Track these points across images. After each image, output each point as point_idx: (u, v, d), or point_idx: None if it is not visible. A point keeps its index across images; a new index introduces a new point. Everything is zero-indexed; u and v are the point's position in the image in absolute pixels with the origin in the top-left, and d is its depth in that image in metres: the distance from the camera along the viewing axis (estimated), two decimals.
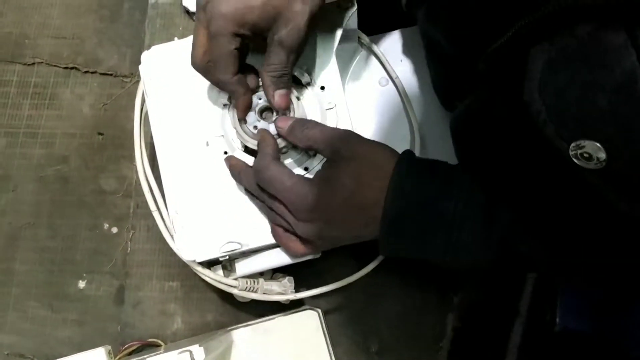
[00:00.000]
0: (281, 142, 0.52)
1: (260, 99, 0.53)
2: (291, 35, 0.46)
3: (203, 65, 0.50)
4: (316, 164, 0.54)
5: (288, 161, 0.54)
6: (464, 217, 0.46)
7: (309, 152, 0.54)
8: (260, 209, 0.55)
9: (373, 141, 0.51)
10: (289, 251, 0.55)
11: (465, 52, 0.47)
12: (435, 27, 0.53)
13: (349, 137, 0.51)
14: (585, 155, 0.33)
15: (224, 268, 0.58)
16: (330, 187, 0.48)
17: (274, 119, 0.53)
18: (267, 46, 0.48)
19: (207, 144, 0.56)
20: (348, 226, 0.50)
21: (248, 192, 0.55)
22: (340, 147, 0.49)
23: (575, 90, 0.32)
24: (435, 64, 0.58)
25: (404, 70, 0.64)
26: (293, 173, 0.50)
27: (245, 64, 0.52)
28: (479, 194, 0.47)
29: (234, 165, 0.54)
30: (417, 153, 0.61)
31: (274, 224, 0.54)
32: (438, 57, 0.57)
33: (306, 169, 0.54)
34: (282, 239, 0.54)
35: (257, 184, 0.52)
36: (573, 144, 0.33)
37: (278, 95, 0.50)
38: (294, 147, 0.53)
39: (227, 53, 0.47)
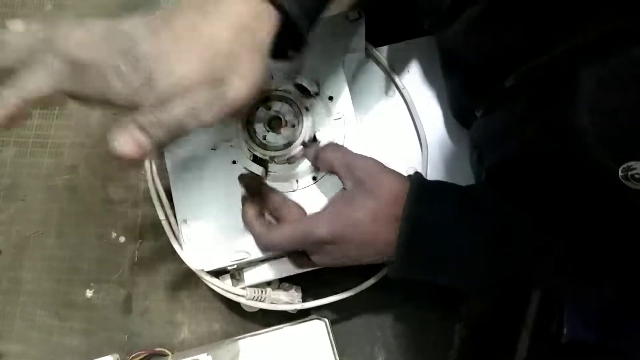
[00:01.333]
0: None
1: (268, 109, 0.54)
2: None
3: None
4: (324, 173, 0.54)
5: (297, 169, 0.54)
6: (476, 249, 0.46)
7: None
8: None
9: (390, 170, 0.50)
10: (296, 266, 0.56)
11: (496, 68, 0.47)
12: (466, 42, 0.52)
13: (373, 168, 0.50)
14: (636, 176, 0.32)
15: (232, 277, 0.58)
16: (348, 224, 0.48)
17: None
18: None
19: (215, 148, 0.56)
20: (361, 256, 0.50)
21: None
22: (361, 175, 0.49)
23: (628, 110, 0.32)
24: (453, 77, 0.59)
25: (411, 81, 0.64)
26: (295, 223, 0.51)
27: None
28: (492, 220, 0.46)
29: (246, 213, 0.54)
30: (424, 164, 0.61)
31: None
32: (459, 71, 0.56)
33: (314, 178, 0.55)
34: (291, 256, 0.55)
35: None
36: (624, 165, 0.33)
37: None
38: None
39: None
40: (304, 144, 0.53)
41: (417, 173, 0.51)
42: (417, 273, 0.50)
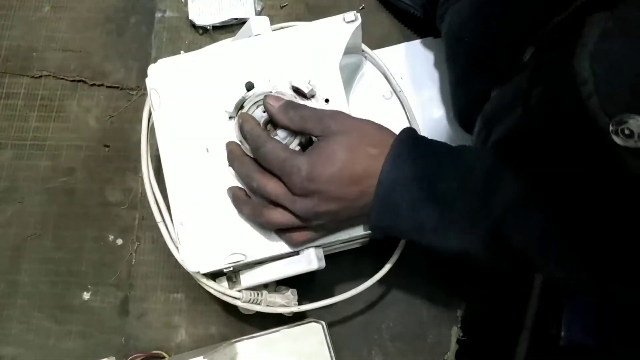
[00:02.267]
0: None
1: (264, 112, 0.54)
2: None
3: None
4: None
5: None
6: (456, 196, 0.46)
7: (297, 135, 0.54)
8: (254, 219, 0.55)
9: (361, 118, 0.52)
10: (289, 241, 0.54)
11: (514, 40, 0.48)
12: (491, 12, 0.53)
13: (338, 114, 0.52)
14: (626, 131, 0.32)
15: (229, 279, 0.58)
16: (323, 159, 0.49)
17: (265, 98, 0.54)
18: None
19: (207, 151, 0.56)
20: (343, 199, 0.50)
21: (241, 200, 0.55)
22: (330, 123, 0.50)
23: (630, 61, 0.32)
24: (460, 65, 0.59)
25: (408, 83, 0.64)
26: (287, 147, 0.51)
27: None
28: (477, 176, 0.47)
29: (232, 150, 0.55)
30: None
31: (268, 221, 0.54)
32: (470, 54, 0.57)
33: None
34: (279, 235, 0.54)
35: (249, 171, 0.52)
36: (615, 118, 0.32)
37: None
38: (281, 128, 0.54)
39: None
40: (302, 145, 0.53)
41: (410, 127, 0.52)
42: (397, 218, 0.49)
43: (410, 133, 0.51)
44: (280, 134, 0.53)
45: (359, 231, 0.55)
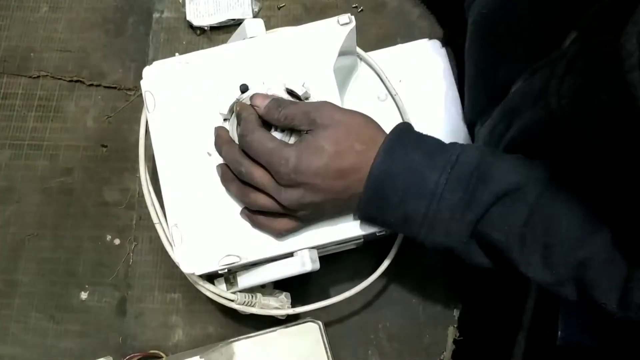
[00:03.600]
0: None
1: None
2: None
3: None
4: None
5: None
6: (444, 190, 0.47)
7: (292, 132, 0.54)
8: (240, 197, 0.55)
9: (348, 109, 0.53)
10: (273, 230, 0.54)
11: (557, 27, 0.48)
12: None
13: (324, 106, 0.52)
14: None
15: (227, 281, 0.58)
16: (310, 152, 0.49)
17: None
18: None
19: (209, 154, 0.56)
20: (328, 191, 0.50)
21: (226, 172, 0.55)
22: (315, 116, 0.51)
23: None
24: (483, 55, 0.59)
25: (404, 85, 0.64)
26: (275, 138, 0.52)
27: None
28: (465, 171, 0.48)
29: (220, 135, 0.55)
30: None
31: (253, 212, 0.55)
32: (494, 46, 0.57)
33: None
34: (264, 220, 0.54)
35: (236, 156, 0.53)
36: None
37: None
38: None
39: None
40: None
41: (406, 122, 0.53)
42: (386, 209, 0.50)
43: (404, 128, 0.52)
44: (277, 135, 0.53)
45: (353, 233, 0.55)
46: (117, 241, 0.72)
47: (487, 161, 0.48)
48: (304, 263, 0.54)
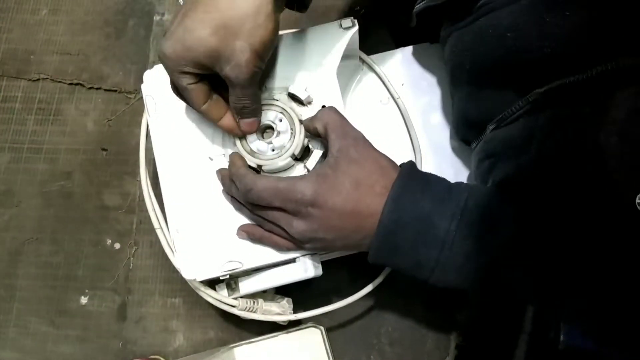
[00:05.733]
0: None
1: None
2: (234, 73, 0.47)
3: (179, 97, 0.52)
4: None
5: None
6: (455, 236, 0.46)
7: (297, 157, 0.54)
8: (248, 216, 0.55)
9: (378, 150, 0.52)
10: (274, 245, 0.54)
11: (523, 80, 0.47)
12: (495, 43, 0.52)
13: (361, 141, 0.51)
14: None
15: (228, 286, 0.58)
16: (330, 186, 0.49)
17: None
18: None
19: (211, 159, 0.56)
20: (341, 229, 0.50)
21: (235, 200, 0.55)
22: (349, 146, 0.50)
23: None
24: (464, 91, 0.58)
25: (406, 89, 0.64)
26: (280, 177, 0.51)
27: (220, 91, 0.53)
28: (475, 216, 0.47)
29: (224, 176, 0.55)
30: None
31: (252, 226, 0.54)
32: (473, 84, 0.56)
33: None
34: (265, 235, 0.54)
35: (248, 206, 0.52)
36: None
37: (243, 124, 0.52)
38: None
39: (183, 88, 0.49)
40: (294, 156, 0.53)
41: (410, 161, 0.52)
42: (397, 257, 0.49)
43: (409, 170, 0.50)
44: (261, 144, 0.53)
45: None
46: (117, 245, 0.72)
47: (496, 206, 0.47)
48: (307, 269, 0.54)
